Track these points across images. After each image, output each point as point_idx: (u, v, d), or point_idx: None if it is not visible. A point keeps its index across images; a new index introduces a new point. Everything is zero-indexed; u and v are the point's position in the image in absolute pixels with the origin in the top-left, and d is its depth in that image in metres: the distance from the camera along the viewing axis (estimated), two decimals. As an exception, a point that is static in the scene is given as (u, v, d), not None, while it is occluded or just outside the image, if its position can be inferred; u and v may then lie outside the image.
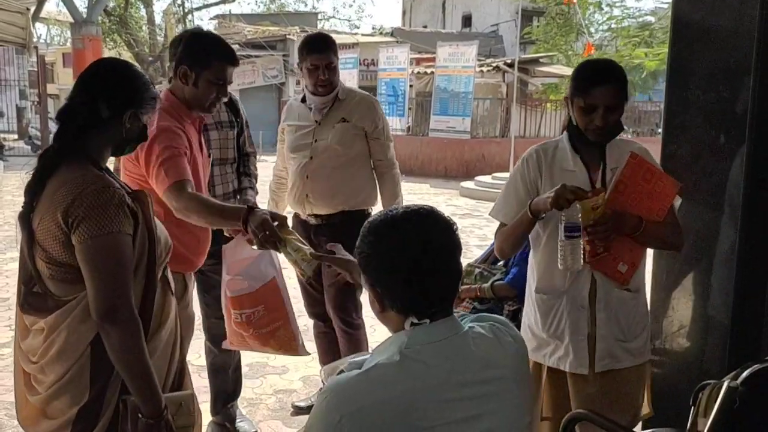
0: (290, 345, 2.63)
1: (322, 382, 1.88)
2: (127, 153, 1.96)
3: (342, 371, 1.76)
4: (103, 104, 1.78)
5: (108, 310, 1.67)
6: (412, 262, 1.28)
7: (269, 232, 2.16)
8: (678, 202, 2.27)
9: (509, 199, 2.34)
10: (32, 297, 1.79)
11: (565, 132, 2.32)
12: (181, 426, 1.84)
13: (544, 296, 2.31)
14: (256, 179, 3.31)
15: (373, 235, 1.33)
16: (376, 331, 4.97)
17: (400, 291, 1.30)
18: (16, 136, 21.15)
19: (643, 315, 2.33)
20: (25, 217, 1.76)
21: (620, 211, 2.17)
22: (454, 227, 1.34)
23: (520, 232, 2.28)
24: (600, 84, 2.15)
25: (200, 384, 3.98)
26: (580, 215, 2.06)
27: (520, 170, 2.33)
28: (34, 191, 1.75)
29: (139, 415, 1.74)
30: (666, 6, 15.38)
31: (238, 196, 3.20)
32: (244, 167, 3.26)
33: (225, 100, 2.71)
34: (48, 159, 1.76)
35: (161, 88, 2.49)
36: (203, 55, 2.51)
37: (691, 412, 1.76)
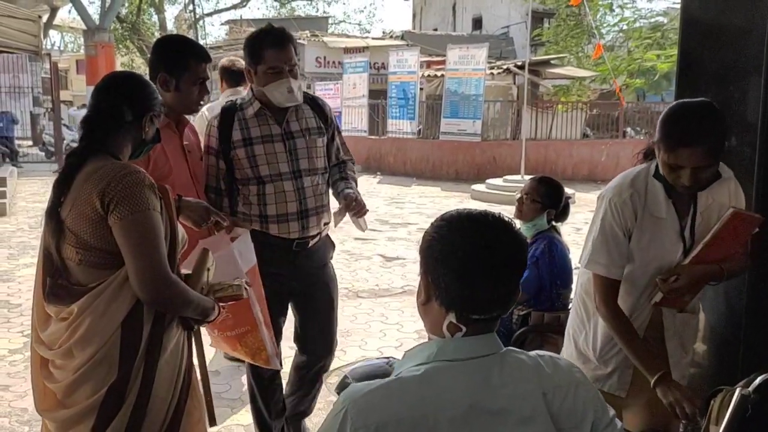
0: (260, 354, 2.58)
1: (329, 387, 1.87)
2: (144, 155, 2.11)
3: (346, 377, 1.75)
4: (127, 108, 1.96)
5: (152, 295, 1.82)
6: (472, 260, 1.24)
7: (202, 214, 2.32)
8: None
9: (612, 253, 2.12)
10: (57, 288, 1.88)
11: (653, 170, 2.13)
12: (230, 295, 2.11)
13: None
14: (356, 183, 3.01)
15: (445, 222, 1.30)
16: (386, 335, 4.96)
17: (451, 284, 1.26)
18: (30, 143, 21.34)
19: (695, 340, 2.33)
20: (53, 211, 1.87)
21: (701, 267, 2.09)
22: (525, 246, 1.32)
23: (628, 354, 2.11)
24: (688, 145, 1.93)
25: (213, 390, 3.98)
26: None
27: (615, 219, 2.12)
28: (63, 187, 1.87)
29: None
30: (678, 6, 15.26)
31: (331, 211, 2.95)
32: (340, 172, 3.00)
33: (206, 96, 2.68)
34: (76, 157, 1.91)
35: None
36: (179, 58, 2.57)
37: (703, 419, 1.74)
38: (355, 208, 2.79)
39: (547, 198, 3.26)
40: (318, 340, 3.00)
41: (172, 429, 1.92)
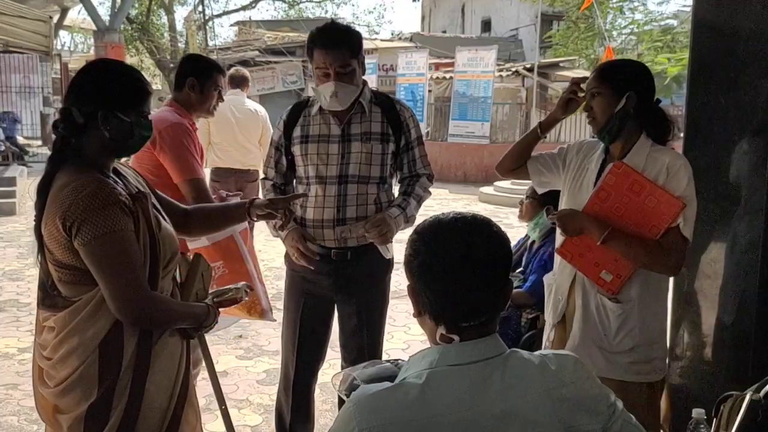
0: (255, 308, 2.74)
1: (335, 389, 1.87)
2: (131, 153, 1.98)
3: (354, 378, 1.75)
4: (75, 111, 1.80)
5: (131, 317, 1.75)
6: (447, 268, 1.24)
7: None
8: (680, 222, 2.13)
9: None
10: (49, 299, 1.86)
11: None
12: (230, 299, 2.12)
13: (549, 275, 2.51)
14: (418, 201, 2.78)
15: (417, 235, 1.30)
16: (393, 337, 4.95)
17: (433, 297, 1.26)
18: (40, 143, 21.47)
19: (636, 329, 2.23)
20: (37, 229, 1.82)
21: (583, 214, 2.22)
22: (505, 241, 1.29)
23: (524, 144, 2.50)
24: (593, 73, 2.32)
25: (209, 392, 3.99)
26: None
27: (562, 147, 2.47)
28: (40, 205, 1.80)
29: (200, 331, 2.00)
30: (689, 9, 15.19)
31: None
32: (406, 186, 2.77)
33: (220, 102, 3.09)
34: (46, 171, 1.81)
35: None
36: (206, 68, 3.10)
37: (713, 424, 1.72)
38: (372, 232, 2.57)
39: (545, 195, 3.26)
40: (350, 362, 2.81)
41: None
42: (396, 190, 2.84)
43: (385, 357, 4.48)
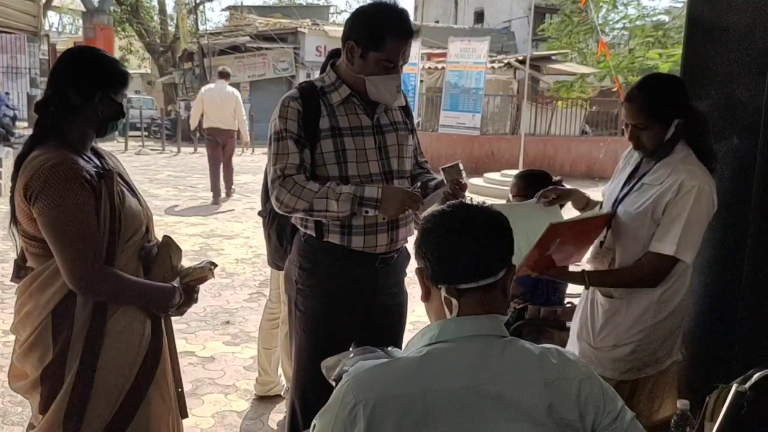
0: None
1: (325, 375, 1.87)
2: (110, 132, 2.03)
3: (344, 365, 1.75)
4: (72, 92, 1.87)
5: (80, 286, 1.82)
6: (448, 228, 1.33)
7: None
8: (659, 244, 2.14)
9: None
10: (21, 271, 1.97)
11: None
12: (197, 278, 2.08)
13: None
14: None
15: (425, 217, 1.41)
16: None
17: (432, 260, 1.33)
18: (26, 124, 21.26)
19: (621, 326, 2.24)
20: (12, 201, 1.90)
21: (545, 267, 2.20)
22: (505, 220, 1.38)
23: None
24: (625, 101, 2.20)
25: (205, 375, 3.98)
26: None
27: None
28: (14, 178, 1.87)
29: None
30: (680, 5, 15.24)
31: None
32: (420, 168, 2.58)
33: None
34: (25, 147, 1.89)
35: (171, 78, 2.59)
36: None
37: (698, 415, 1.74)
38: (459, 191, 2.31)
39: (531, 189, 3.25)
40: None
41: (126, 413, 1.93)
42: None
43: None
